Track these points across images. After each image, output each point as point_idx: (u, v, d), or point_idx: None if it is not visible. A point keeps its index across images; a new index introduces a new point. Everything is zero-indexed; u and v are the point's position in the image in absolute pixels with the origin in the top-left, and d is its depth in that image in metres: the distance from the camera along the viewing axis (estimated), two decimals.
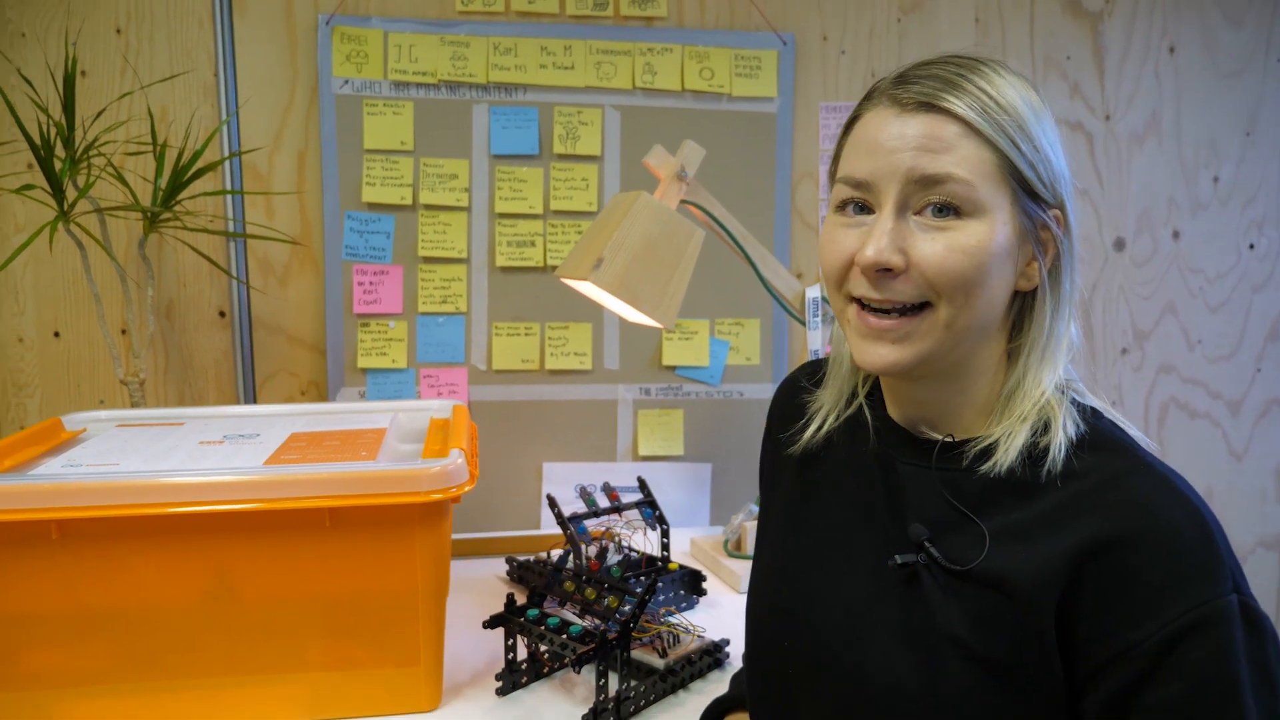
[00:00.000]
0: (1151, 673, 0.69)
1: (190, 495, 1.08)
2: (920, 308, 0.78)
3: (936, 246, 0.75)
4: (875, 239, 0.76)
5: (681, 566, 1.54)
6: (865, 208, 0.79)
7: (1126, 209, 2.12)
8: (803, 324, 1.59)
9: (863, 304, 0.80)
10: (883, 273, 0.77)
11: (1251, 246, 2.17)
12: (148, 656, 1.14)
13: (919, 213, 0.77)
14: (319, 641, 1.17)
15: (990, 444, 0.80)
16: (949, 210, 0.75)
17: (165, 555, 1.12)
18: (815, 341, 1.58)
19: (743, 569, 1.61)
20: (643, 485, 1.57)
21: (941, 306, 0.77)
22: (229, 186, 1.80)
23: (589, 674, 1.30)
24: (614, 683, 1.19)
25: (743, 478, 2.00)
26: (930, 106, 0.76)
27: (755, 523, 1.67)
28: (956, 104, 0.75)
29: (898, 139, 0.76)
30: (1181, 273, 2.16)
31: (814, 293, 1.57)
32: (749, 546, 1.69)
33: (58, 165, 1.57)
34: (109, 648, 1.13)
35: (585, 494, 1.51)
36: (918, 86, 0.77)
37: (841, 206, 0.81)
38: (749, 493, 1.86)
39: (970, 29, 2.01)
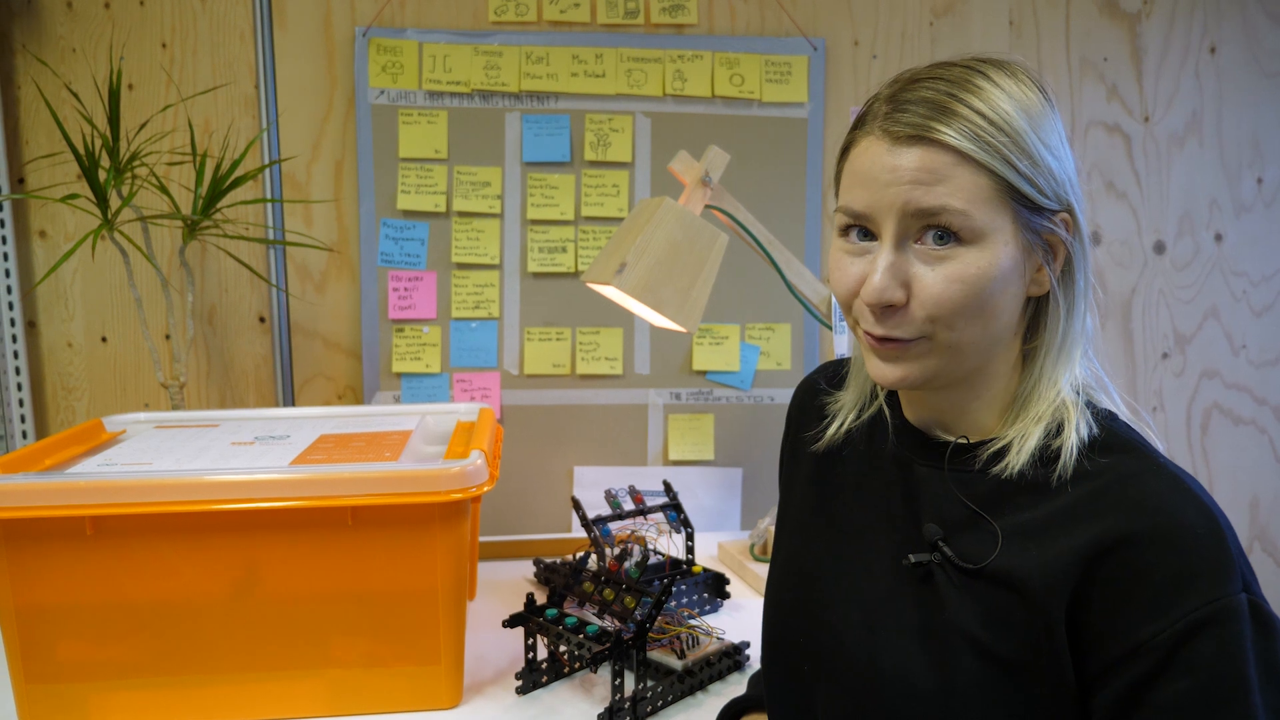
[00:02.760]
0: (1161, 669, 0.69)
1: (216, 493, 1.11)
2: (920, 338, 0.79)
3: (937, 278, 0.75)
4: (877, 275, 0.77)
5: (705, 570, 1.55)
6: (868, 233, 0.80)
7: (1166, 211, 2.08)
8: (829, 328, 1.59)
9: None
10: (886, 308, 0.77)
11: None
12: (177, 650, 1.17)
13: (919, 241, 0.77)
14: (342, 638, 1.19)
15: (1003, 446, 0.80)
16: (949, 237, 0.75)
17: (193, 551, 1.15)
18: (842, 346, 1.58)
19: (767, 573, 1.61)
20: (668, 488, 1.57)
21: (940, 333, 0.77)
22: (268, 195, 1.85)
23: (607, 674, 1.31)
24: (630, 683, 1.20)
25: (774, 482, 1.97)
26: (921, 139, 0.75)
27: None
28: (948, 134, 0.74)
29: (891, 173, 0.76)
30: (1225, 275, 2.11)
31: None
32: None
33: (102, 176, 1.62)
34: (140, 641, 1.16)
35: (610, 497, 1.53)
36: (908, 115, 0.76)
37: (845, 231, 0.82)
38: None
39: (1004, 31, 2.00)
